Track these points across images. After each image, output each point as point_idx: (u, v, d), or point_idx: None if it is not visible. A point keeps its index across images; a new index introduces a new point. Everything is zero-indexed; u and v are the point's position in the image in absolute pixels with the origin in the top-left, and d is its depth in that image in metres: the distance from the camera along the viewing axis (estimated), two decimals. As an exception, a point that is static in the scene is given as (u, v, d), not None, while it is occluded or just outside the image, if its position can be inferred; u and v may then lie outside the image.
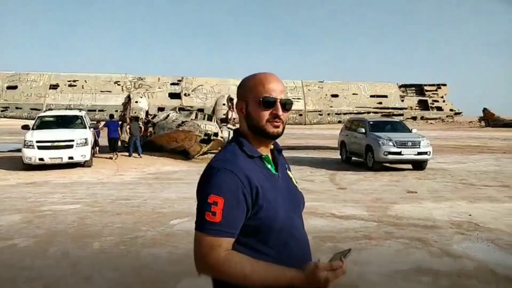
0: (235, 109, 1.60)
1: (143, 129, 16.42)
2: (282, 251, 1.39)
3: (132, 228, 6.07)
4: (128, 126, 15.95)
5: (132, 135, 15.50)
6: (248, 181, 1.34)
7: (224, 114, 18.10)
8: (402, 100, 22.04)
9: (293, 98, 20.89)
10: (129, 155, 15.27)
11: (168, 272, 4.37)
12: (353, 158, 14.94)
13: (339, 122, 20.68)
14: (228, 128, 17.42)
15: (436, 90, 22.51)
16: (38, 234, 5.84)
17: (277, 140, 1.59)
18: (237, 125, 18.67)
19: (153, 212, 7.07)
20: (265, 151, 1.49)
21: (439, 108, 22.17)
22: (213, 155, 14.94)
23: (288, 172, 1.59)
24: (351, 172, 12.64)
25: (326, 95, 21.47)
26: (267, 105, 1.42)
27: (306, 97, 21.16)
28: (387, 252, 5.05)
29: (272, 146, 1.55)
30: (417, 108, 22.07)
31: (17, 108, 18.71)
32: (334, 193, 9.21)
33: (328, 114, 21.21)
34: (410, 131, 14.03)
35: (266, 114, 1.43)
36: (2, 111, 18.70)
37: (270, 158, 1.51)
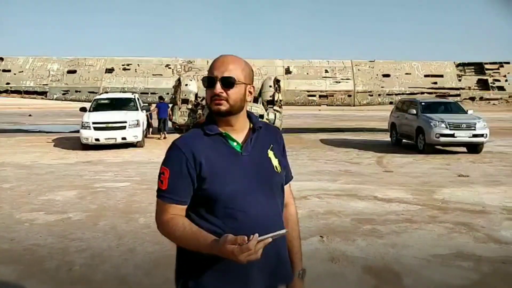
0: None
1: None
2: (228, 224, 1.47)
3: (175, 206, 6.32)
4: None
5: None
6: (193, 156, 1.47)
7: (270, 96, 18.07)
8: (460, 80, 20.80)
9: (341, 79, 20.53)
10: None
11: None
12: (403, 140, 14.44)
13: (391, 103, 19.96)
14: (275, 110, 17.41)
15: (498, 69, 20.98)
16: (90, 209, 6.25)
17: (321, 122, 1.60)
18: (283, 107, 18.44)
19: (196, 191, 7.30)
20: (229, 129, 1.55)
21: (501, 88, 20.70)
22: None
23: (269, 151, 1.60)
24: (400, 155, 12.24)
25: (377, 75, 20.73)
26: (208, 84, 1.51)
27: (355, 77, 20.57)
28: (428, 236, 4.90)
29: (250, 125, 1.60)
30: (476, 88, 20.74)
31: (76, 91, 19.84)
32: (380, 176, 8.99)
33: (379, 95, 20.50)
34: (465, 112, 13.28)
35: (209, 93, 1.51)
36: (63, 94, 19.93)
37: (233, 135, 1.54)
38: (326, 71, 20.65)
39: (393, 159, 11.44)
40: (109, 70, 20.11)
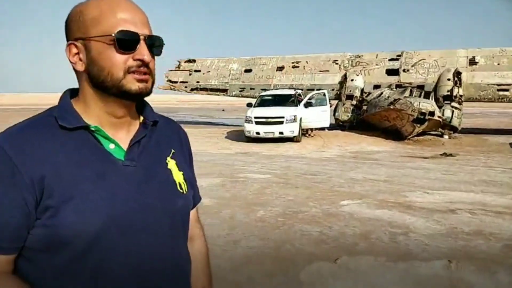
0: (69, 57, 0.92)
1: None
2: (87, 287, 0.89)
3: (300, 203, 6.11)
4: None
5: None
6: (27, 164, 0.85)
7: (448, 91, 15.94)
8: None
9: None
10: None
11: (305, 251, 4.20)
12: None
13: None
14: (452, 106, 15.32)
15: None
16: (223, 196, 6.57)
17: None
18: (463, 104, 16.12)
19: (329, 190, 6.92)
20: (109, 122, 0.96)
21: None
22: (430, 136, 13.81)
23: (169, 160, 1.03)
24: None
25: None
26: (126, 46, 0.90)
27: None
28: None
29: (141, 118, 1.02)
30: None
31: (251, 88, 21.49)
32: None
33: None
34: None
35: (124, 60, 0.90)
36: (240, 91, 21.85)
37: (114, 131, 0.96)
38: (525, 61, 17.05)
39: None
40: (280, 68, 21.09)
